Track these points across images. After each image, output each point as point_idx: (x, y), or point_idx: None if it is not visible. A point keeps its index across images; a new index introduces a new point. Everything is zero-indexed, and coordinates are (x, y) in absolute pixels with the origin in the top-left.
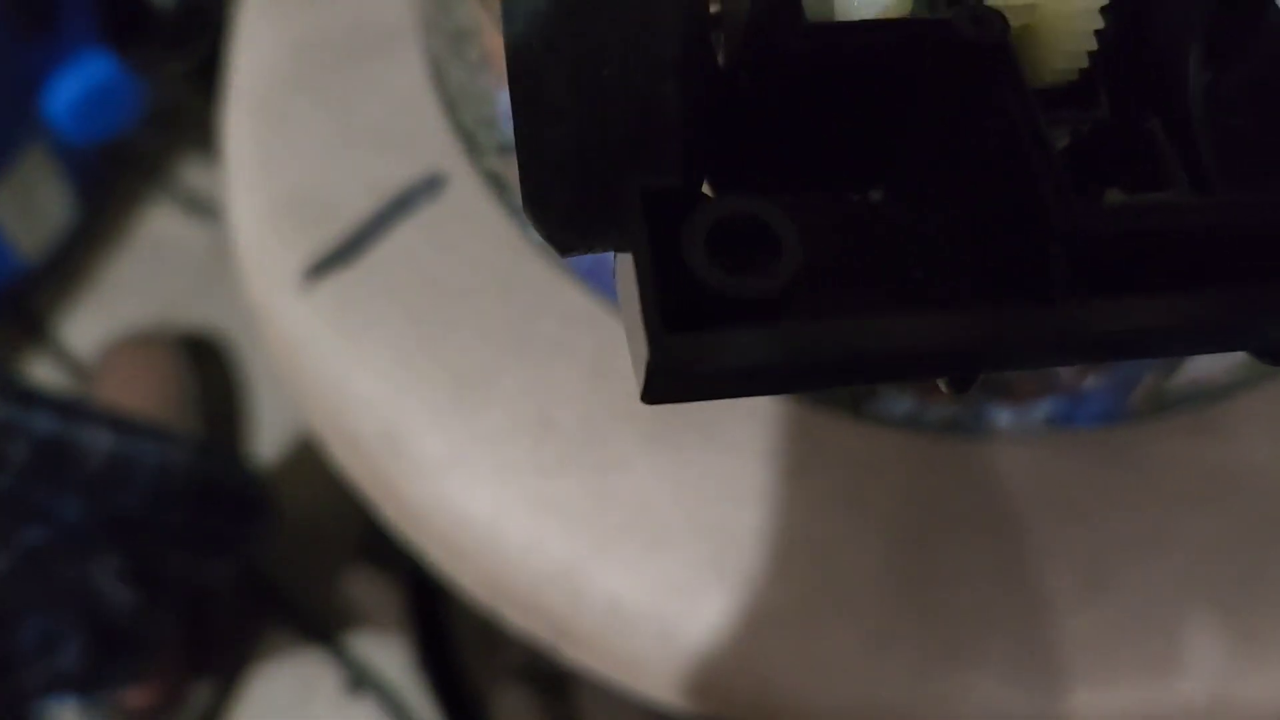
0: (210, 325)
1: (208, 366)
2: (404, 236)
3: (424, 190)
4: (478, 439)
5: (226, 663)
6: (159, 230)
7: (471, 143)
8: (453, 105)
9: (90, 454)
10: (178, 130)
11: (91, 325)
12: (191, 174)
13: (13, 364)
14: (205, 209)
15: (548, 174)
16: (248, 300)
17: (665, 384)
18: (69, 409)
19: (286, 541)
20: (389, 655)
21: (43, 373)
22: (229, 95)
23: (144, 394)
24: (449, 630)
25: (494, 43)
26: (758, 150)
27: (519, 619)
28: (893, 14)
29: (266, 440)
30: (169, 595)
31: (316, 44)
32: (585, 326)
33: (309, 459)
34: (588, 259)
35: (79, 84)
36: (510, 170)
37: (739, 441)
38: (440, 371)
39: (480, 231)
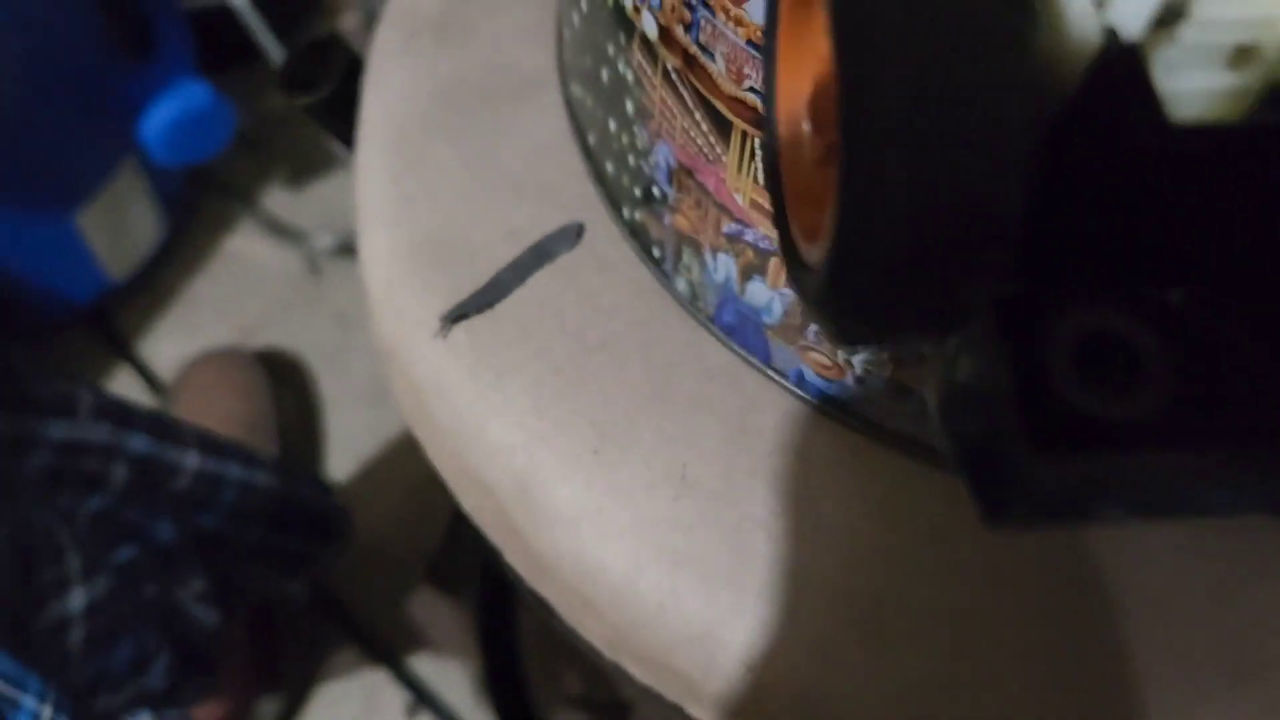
0: (288, 346)
1: (284, 386)
2: (542, 284)
3: (563, 238)
4: (614, 491)
5: (292, 679)
6: (241, 252)
7: (614, 192)
8: (594, 154)
9: (180, 474)
10: (263, 156)
11: (173, 343)
12: (274, 198)
13: (96, 378)
14: (287, 233)
15: (867, 270)
16: (378, 342)
17: (1024, 512)
18: (161, 427)
19: (354, 561)
20: (452, 678)
21: (124, 388)
22: (362, 135)
23: (222, 410)
24: (512, 655)
25: (656, 96)
26: (1068, 241)
27: (646, 676)
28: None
29: (337, 461)
30: (243, 612)
31: (453, 87)
32: (726, 383)
33: (378, 480)
34: (728, 314)
35: (174, 109)
36: (653, 222)
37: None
38: (577, 421)
39: (620, 282)
